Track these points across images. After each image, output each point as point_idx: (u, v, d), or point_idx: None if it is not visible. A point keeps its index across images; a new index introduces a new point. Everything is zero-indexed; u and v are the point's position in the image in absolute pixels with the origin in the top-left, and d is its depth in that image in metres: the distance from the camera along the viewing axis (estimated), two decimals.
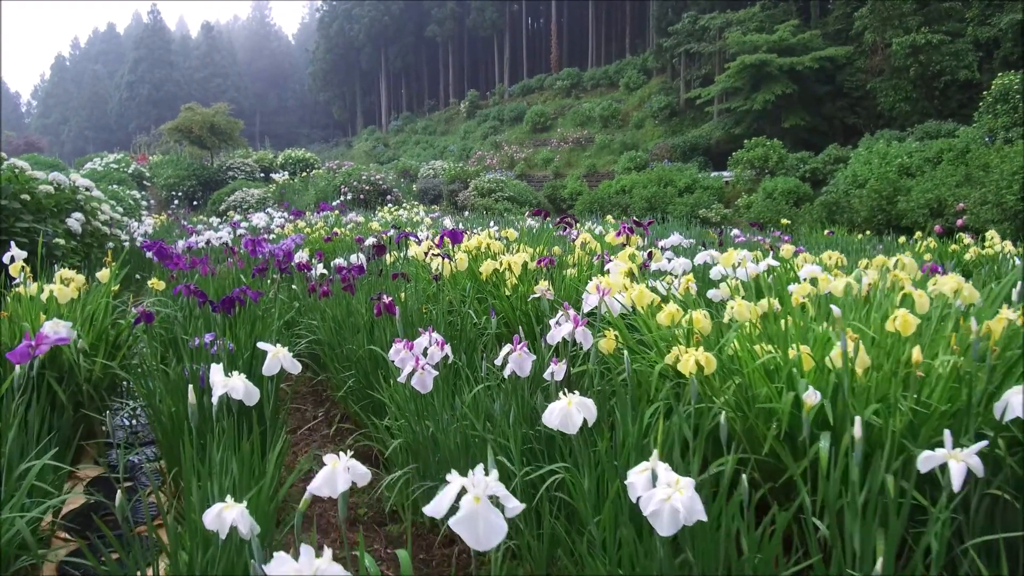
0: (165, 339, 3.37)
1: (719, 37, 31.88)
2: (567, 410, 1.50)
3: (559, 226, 4.72)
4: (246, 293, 2.77)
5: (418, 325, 3.19)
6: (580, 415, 1.51)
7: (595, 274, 3.88)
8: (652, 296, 2.36)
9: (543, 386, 2.36)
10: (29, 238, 5.03)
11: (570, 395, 1.53)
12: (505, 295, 3.68)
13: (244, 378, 1.66)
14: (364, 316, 3.19)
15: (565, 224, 4.63)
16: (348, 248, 8.52)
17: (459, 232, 3.45)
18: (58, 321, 2.64)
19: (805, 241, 10.77)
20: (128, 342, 3.08)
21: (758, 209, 20.09)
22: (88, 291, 3.28)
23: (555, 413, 1.51)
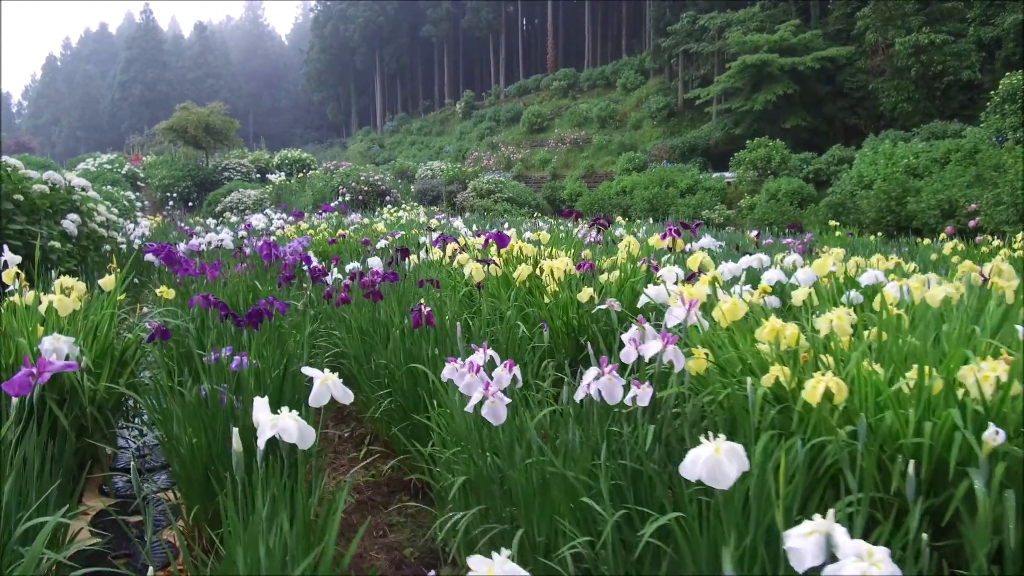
0: (175, 353, 3.05)
1: (718, 37, 31.66)
2: (715, 460, 1.20)
3: (592, 228, 4.43)
4: (272, 305, 2.46)
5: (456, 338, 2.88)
6: (733, 466, 1.20)
7: (642, 281, 3.58)
8: (744, 308, 2.05)
9: (617, 411, 2.06)
10: (23, 241, 4.71)
11: (716, 440, 1.23)
12: (544, 303, 3.38)
13: (296, 416, 1.36)
14: (396, 326, 2.87)
15: (598, 226, 4.34)
16: (352, 251, 8.22)
17: (505, 236, 3.14)
18: (59, 336, 2.33)
19: (822, 243, 10.49)
20: (136, 357, 2.77)
21: (762, 210, 19.83)
22: (90, 300, 2.97)
23: (699, 463, 1.21)
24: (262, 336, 2.54)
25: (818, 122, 27.96)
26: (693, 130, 32.56)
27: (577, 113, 40.33)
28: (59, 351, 2.32)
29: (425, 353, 2.60)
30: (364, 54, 61.01)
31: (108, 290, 3.00)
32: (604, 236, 6.16)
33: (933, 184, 15.40)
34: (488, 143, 40.86)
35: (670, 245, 3.66)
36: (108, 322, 2.71)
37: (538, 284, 3.75)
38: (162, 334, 2.33)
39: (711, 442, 1.23)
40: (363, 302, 3.57)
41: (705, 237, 5.41)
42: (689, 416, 1.91)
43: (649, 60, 40.50)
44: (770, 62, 26.72)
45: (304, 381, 2.37)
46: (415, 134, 52.33)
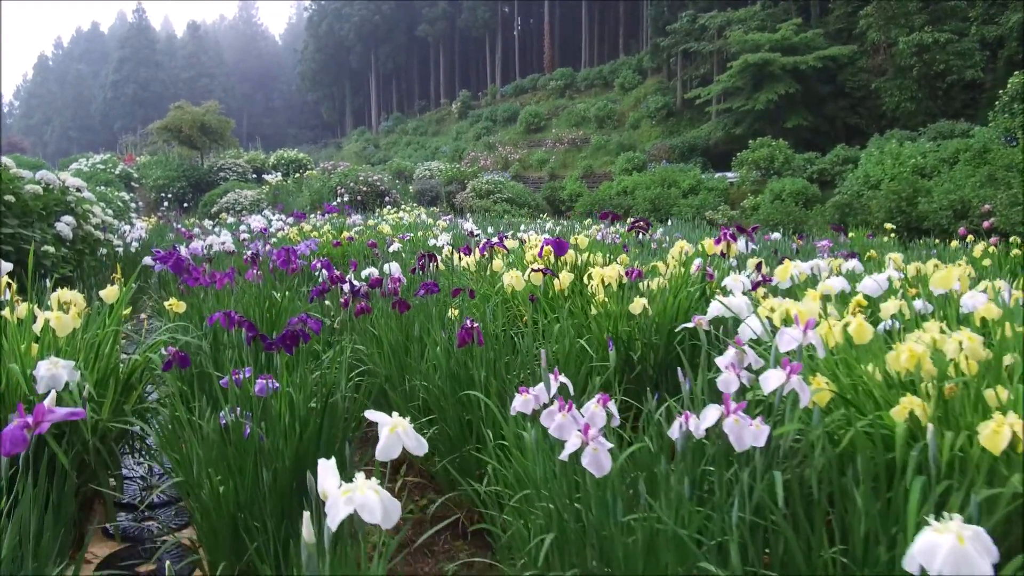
0: (187, 372, 2.73)
1: (718, 36, 31.43)
2: (961, 552, 0.89)
3: (632, 232, 4.11)
4: (306, 323, 2.14)
5: (503, 354, 2.57)
6: (984, 562, 0.89)
7: (697, 291, 3.27)
8: (871, 330, 1.74)
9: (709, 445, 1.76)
10: (14, 246, 4.38)
11: (952, 521, 0.92)
12: (591, 315, 3.07)
13: (376, 485, 1.04)
14: (437, 343, 2.55)
15: (638, 229, 4.03)
16: (358, 254, 7.89)
17: (564, 243, 2.81)
18: (56, 360, 2.01)
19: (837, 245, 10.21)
20: (143, 379, 2.45)
21: (767, 211, 19.56)
22: (89, 313, 2.64)
23: (939, 555, 0.90)
24: (294, 357, 2.23)
25: (819, 122, 27.74)
26: (693, 130, 32.32)
27: (575, 113, 40.04)
28: (57, 378, 2.00)
29: (476, 377, 2.28)
30: (359, 53, 60.60)
31: (110, 302, 2.67)
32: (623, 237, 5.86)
33: (943, 184, 15.14)
34: (485, 143, 40.55)
35: (724, 250, 3.35)
36: (112, 341, 2.38)
37: (582, 293, 3.44)
38: (181, 361, 2.01)
39: (947, 525, 0.92)
40: (389, 313, 3.25)
41: (738, 241, 5.11)
42: (816, 460, 1.60)
43: (647, 60, 40.25)
44: (772, 61, 26.48)
45: (342, 412, 2.05)
46: (411, 134, 51.97)
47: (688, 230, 13.11)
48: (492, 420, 2.18)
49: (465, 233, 8.60)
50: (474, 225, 9.27)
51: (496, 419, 2.14)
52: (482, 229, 8.87)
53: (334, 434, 1.98)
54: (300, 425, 1.89)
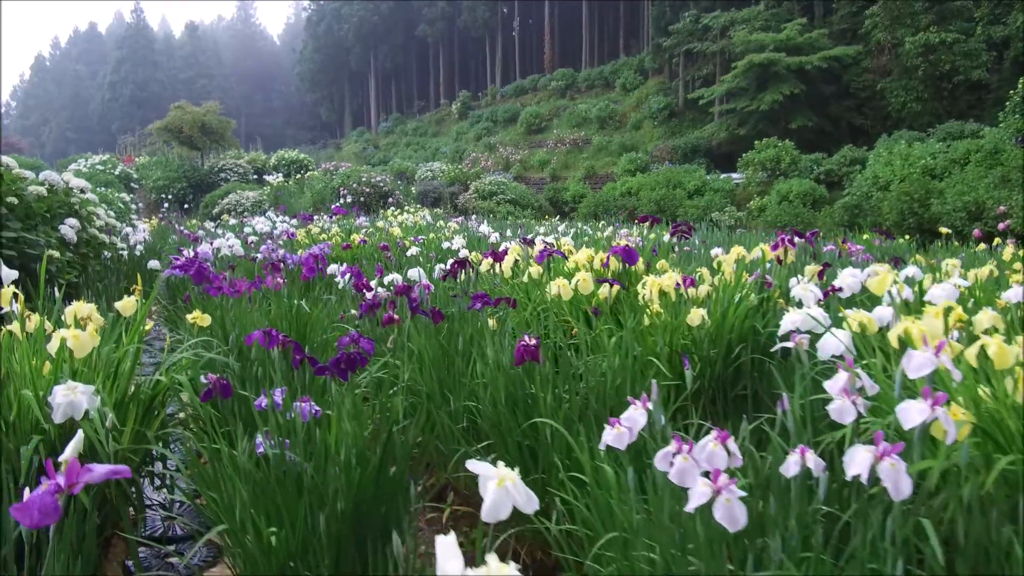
0: None
1: (722, 36, 31.23)
2: None
3: (675, 236, 3.89)
4: (358, 343, 1.90)
5: (564, 372, 2.36)
6: None
7: (757, 300, 3.05)
8: (1015, 352, 1.52)
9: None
10: (17, 250, 4.15)
11: None
12: (645, 327, 2.84)
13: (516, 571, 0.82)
14: (488, 360, 2.33)
15: (680, 233, 3.80)
16: (368, 256, 7.66)
17: (633, 251, 2.57)
18: (74, 385, 1.79)
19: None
20: (165, 402, 2.22)
21: (774, 212, 19.37)
22: (105, 327, 2.41)
23: None
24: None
25: (824, 122, 27.55)
26: (696, 131, 32.12)
27: (576, 114, 39.82)
28: (76, 405, 1.78)
29: (541, 400, 2.06)
30: (358, 54, 60.33)
31: (128, 315, 2.44)
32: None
33: (956, 186, 14.93)
34: (485, 144, 40.33)
35: (780, 256, 3.13)
36: (133, 359, 2.15)
37: (628, 301, 3.22)
38: (222, 390, 1.78)
39: None
40: (421, 324, 3.03)
41: None
42: (963, 501, 1.38)
43: (649, 60, 40.06)
44: (777, 61, 26.29)
45: (407, 447, 1.82)
46: (410, 135, 51.73)
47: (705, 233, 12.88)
48: (561, 446, 1.96)
49: (479, 236, 8.38)
50: (489, 227, 9.04)
51: (565, 445, 1.92)
52: (498, 231, 8.63)
53: (398, 473, 1.75)
54: (358, 460, 1.67)
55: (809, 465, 1.47)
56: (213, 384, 1.76)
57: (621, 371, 2.30)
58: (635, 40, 48.35)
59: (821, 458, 1.51)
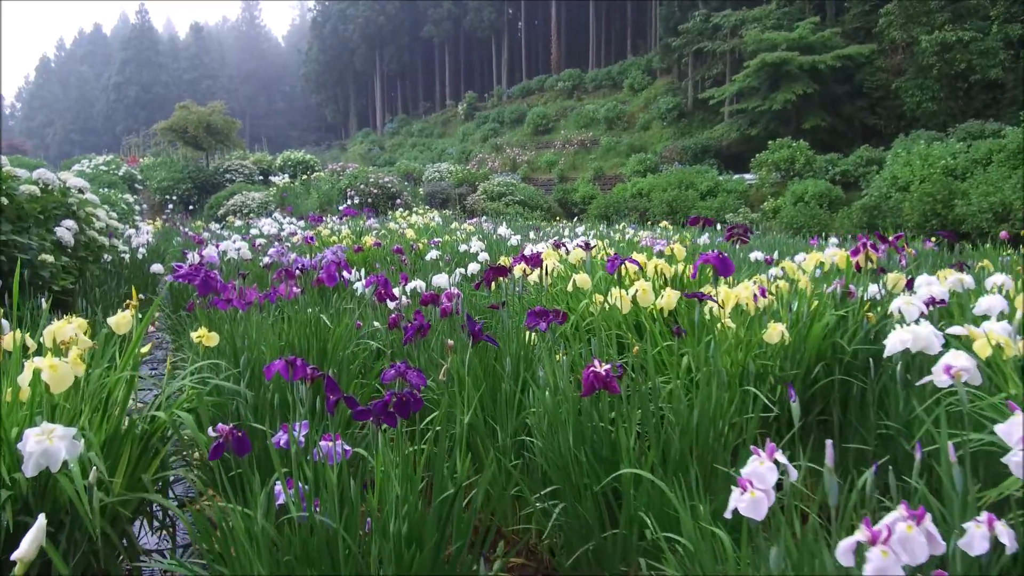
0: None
1: (732, 36, 30.85)
2: None
3: (731, 239, 3.53)
4: (405, 376, 1.53)
5: (640, 408, 1.99)
6: None
7: (836, 314, 2.68)
8: None
9: None
10: (7, 255, 3.79)
11: None
12: (711, 343, 2.46)
13: None
14: (550, 391, 1.96)
15: (737, 237, 3.44)
16: (380, 259, 7.32)
17: (729, 261, 2.21)
18: (50, 428, 1.44)
19: None
20: (167, 439, 1.86)
21: (789, 213, 18.99)
22: (95, 349, 2.05)
23: None
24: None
25: (837, 122, 27.14)
26: (706, 131, 31.75)
27: (583, 114, 39.45)
28: (51, 454, 1.43)
29: (621, 442, 1.69)
30: (364, 54, 60.04)
31: (122, 332, 2.08)
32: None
33: (980, 186, 14.54)
34: (492, 145, 40.00)
35: (860, 262, 2.76)
36: (127, 388, 1.79)
37: (687, 315, 2.85)
38: (237, 444, 1.41)
39: None
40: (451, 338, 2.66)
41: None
42: None
43: (657, 60, 39.69)
44: (789, 60, 25.89)
45: (462, 522, 1.45)
46: (416, 136, 51.40)
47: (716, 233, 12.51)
48: (646, 496, 1.60)
49: (495, 238, 8.03)
50: (508, 229, 8.67)
51: (655, 495, 1.56)
52: (518, 233, 8.25)
53: (459, 551, 1.39)
54: (410, 535, 1.30)
55: (1003, 540, 1.12)
56: (225, 436, 1.40)
57: (707, 400, 1.93)
58: (642, 40, 47.98)
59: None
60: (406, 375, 1.52)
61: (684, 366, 2.25)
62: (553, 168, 33.41)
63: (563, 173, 32.65)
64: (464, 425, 1.62)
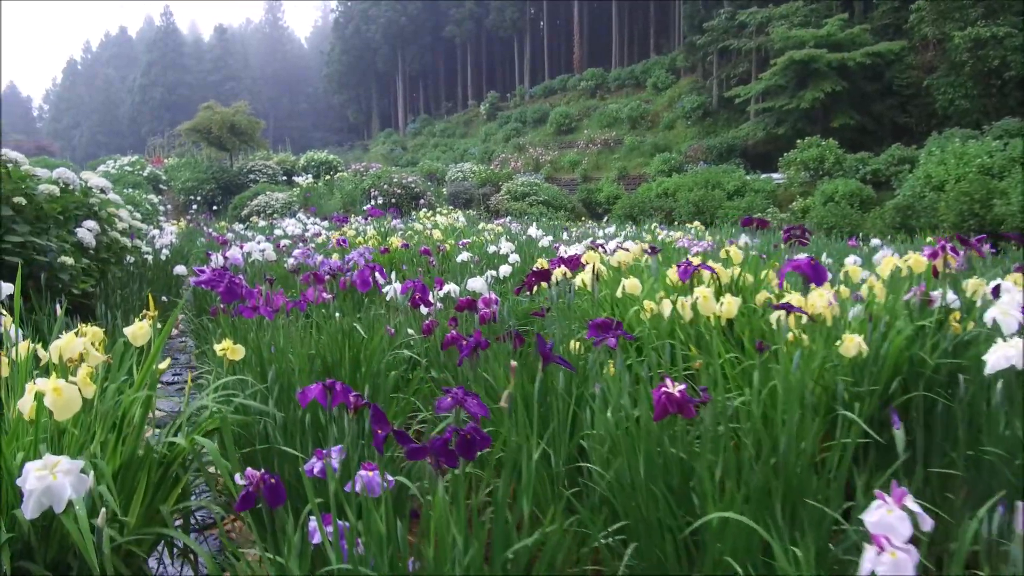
0: (241, 439, 1.96)
1: (758, 33, 30.44)
2: None
3: (789, 242, 3.29)
4: (463, 404, 1.32)
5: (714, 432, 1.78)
6: None
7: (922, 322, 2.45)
8: None
9: None
10: (25, 257, 3.64)
11: None
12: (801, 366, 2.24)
13: None
14: (622, 418, 1.75)
15: (794, 238, 3.21)
16: (407, 261, 7.13)
17: (823, 269, 1.97)
18: (54, 461, 1.26)
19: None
20: (188, 466, 1.67)
21: (819, 213, 18.61)
22: (110, 363, 1.87)
23: None
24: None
25: (866, 121, 26.66)
26: (732, 130, 31.36)
27: (606, 114, 39.16)
28: (55, 492, 1.24)
29: (705, 486, 1.47)
30: (386, 55, 60.08)
31: (139, 344, 1.90)
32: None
33: (1019, 185, 14.13)
34: (514, 145, 39.81)
35: (938, 267, 2.53)
36: (143, 408, 1.61)
37: (748, 324, 2.63)
38: (270, 493, 1.20)
39: None
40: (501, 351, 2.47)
41: (885, 249, 4.27)
42: None
43: (681, 59, 39.32)
44: (818, 58, 25.48)
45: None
46: (438, 136, 51.34)
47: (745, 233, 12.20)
48: (733, 537, 1.39)
49: (522, 239, 7.82)
50: (539, 230, 8.45)
51: (742, 537, 1.35)
52: (550, 234, 8.03)
53: None
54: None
55: None
56: (255, 484, 1.20)
57: (793, 423, 1.71)
58: (666, 39, 47.61)
59: None
60: (465, 404, 1.31)
61: (757, 384, 2.03)
62: (576, 168, 33.16)
63: (586, 173, 32.39)
64: (531, 471, 1.40)
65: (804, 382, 1.72)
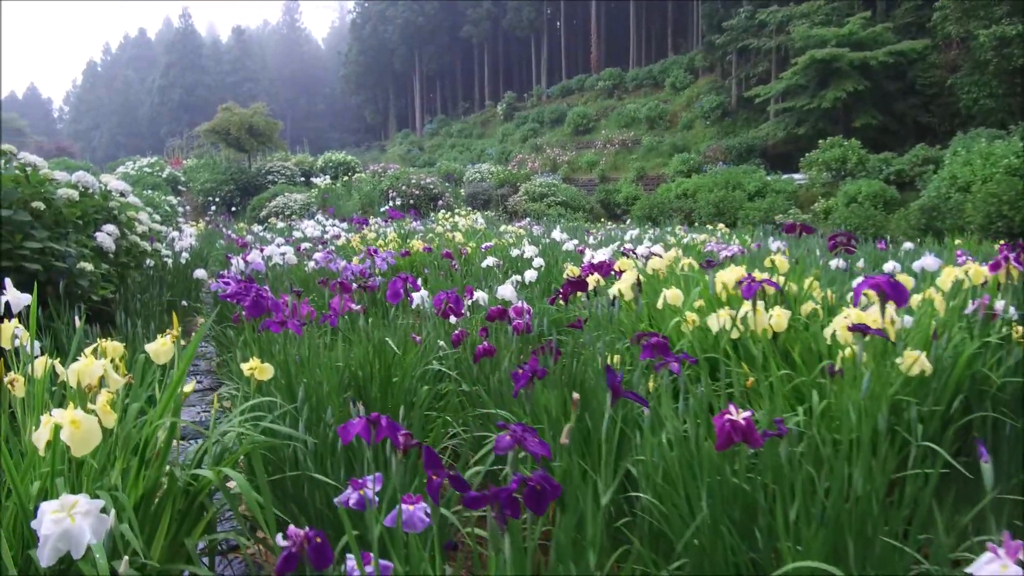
0: (268, 461, 1.85)
1: (779, 32, 30.14)
2: None
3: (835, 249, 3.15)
4: (524, 442, 1.19)
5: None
6: None
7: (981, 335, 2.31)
8: None
9: None
10: (44, 263, 3.56)
11: None
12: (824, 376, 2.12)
13: None
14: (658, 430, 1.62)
15: (841, 246, 3.07)
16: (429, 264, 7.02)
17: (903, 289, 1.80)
18: (71, 501, 1.15)
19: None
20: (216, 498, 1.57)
21: (842, 215, 18.36)
22: (131, 382, 1.76)
23: None
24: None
25: (888, 121, 26.31)
26: (751, 130, 31.07)
27: (624, 114, 38.93)
28: (73, 537, 1.13)
29: (779, 519, 1.35)
30: (403, 55, 60.12)
31: (162, 362, 1.79)
32: None
33: None
34: (532, 145, 39.67)
35: (1002, 278, 2.38)
36: (167, 436, 1.50)
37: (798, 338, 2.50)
38: (316, 556, 1.08)
39: None
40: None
41: (927, 256, 4.11)
42: None
43: (699, 58, 39.06)
44: (839, 57, 25.17)
45: None
46: (455, 136, 51.27)
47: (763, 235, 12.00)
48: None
49: (544, 241, 7.69)
50: (563, 233, 8.32)
51: None
52: (574, 237, 7.89)
53: None
54: None
55: None
56: (299, 544, 1.08)
57: (868, 454, 1.58)
58: (684, 39, 47.34)
59: None
60: (525, 442, 1.18)
61: (818, 406, 1.90)
62: (594, 168, 32.97)
63: (604, 173, 32.19)
64: (599, 524, 1.28)
65: (878, 407, 1.59)
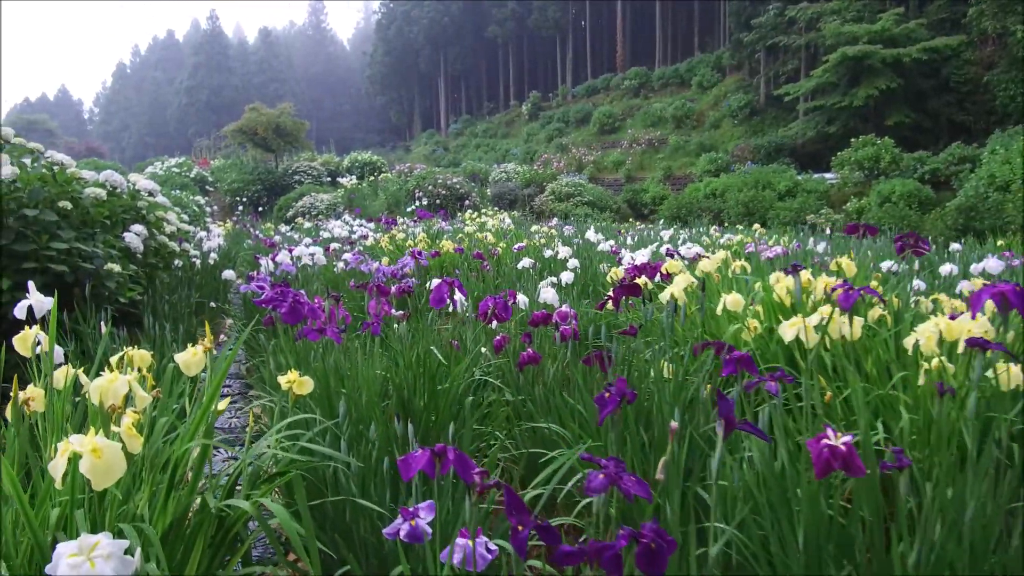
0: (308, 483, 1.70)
1: (808, 29, 29.69)
2: None
3: (903, 252, 2.96)
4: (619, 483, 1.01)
5: None
6: None
7: None
8: None
9: None
10: (71, 264, 3.45)
11: None
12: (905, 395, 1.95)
13: None
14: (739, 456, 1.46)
15: (909, 248, 2.88)
16: (457, 264, 6.88)
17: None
18: (91, 542, 1.01)
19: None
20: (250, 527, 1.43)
21: (875, 215, 18.00)
22: (159, 397, 1.62)
23: None
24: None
25: (922, 119, 25.79)
26: (780, 129, 30.63)
27: (650, 113, 38.59)
28: None
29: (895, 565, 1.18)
30: (428, 56, 60.16)
31: (191, 374, 1.65)
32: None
33: None
34: (557, 145, 39.45)
35: None
36: (200, 458, 1.36)
37: (872, 347, 2.32)
38: None
39: None
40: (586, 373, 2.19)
41: (989, 258, 3.89)
42: None
43: (727, 57, 38.63)
44: (872, 54, 24.71)
45: None
46: (480, 136, 51.17)
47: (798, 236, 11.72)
48: None
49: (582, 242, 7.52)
50: (597, 233, 8.14)
51: None
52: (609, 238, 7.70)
53: None
54: None
55: None
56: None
57: (979, 482, 1.40)
58: (710, 37, 46.89)
59: None
60: (620, 483, 1.01)
61: (907, 424, 1.72)
62: (620, 168, 32.69)
63: (630, 173, 31.89)
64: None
65: (994, 433, 1.41)
